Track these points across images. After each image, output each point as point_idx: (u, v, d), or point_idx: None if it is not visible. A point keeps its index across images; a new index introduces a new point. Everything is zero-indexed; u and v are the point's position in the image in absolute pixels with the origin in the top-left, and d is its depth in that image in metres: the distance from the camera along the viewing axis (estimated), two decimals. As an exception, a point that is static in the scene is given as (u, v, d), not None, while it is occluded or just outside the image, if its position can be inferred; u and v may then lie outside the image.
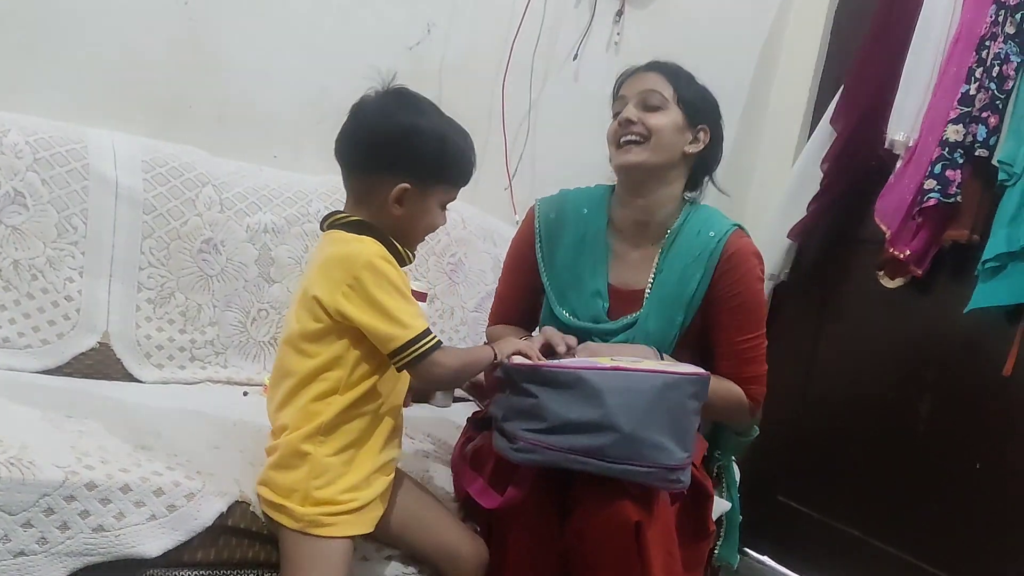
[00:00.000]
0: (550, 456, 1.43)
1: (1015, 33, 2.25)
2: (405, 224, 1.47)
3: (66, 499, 1.32)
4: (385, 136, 1.44)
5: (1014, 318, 2.27)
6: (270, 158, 2.28)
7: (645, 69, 1.76)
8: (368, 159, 1.46)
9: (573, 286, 1.79)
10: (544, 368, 1.48)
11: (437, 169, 1.47)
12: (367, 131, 1.47)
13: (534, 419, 1.43)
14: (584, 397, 1.41)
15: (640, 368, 1.46)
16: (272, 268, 2.12)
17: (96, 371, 1.92)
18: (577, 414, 1.41)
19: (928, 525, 2.44)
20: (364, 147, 1.46)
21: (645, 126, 1.70)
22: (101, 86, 2.09)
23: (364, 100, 1.49)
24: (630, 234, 1.80)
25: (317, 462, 1.40)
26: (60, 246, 1.90)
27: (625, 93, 1.76)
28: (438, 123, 1.48)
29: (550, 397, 1.43)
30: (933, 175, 2.35)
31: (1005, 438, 2.31)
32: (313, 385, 1.42)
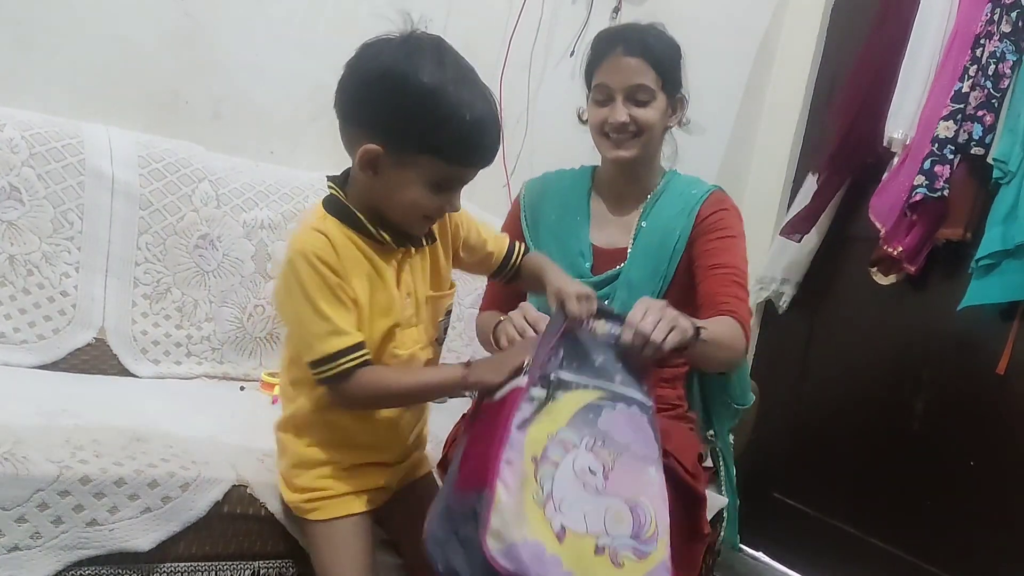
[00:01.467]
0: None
1: (1011, 32, 2.26)
2: (381, 197, 1.26)
3: (60, 494, 1.33)
4: (363, 80, 1.20)
5: (1007, 316, 2.28)
6: (267, 154, 2.28)
7: (625, 53, 1.70)
8: (343, 106, 1.25)
9: (557, 248, 1.79)
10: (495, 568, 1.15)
11: (418, 134, 1.20)
12: (350, 71, 1.24)
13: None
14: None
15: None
16: (269, 264, 2.11)
17: (92, 367, 1.92)
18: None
19: (923, 522, 2.45)
20: (341, 90, 1.25)
21: (637, 123, 1.71)
22: (97, 81, 2.08)
23: (371, 41, 1.26)
24: (613, 199, 1.83)
25: (294, 452, 1.42)
26: (56, 241, 1.90)
27: (609, 83, 1.72)
28: (436, 77, 1.18)
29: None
30: (923, 171, 2.36)
31: (999, 435, 2.32)
32: (291, 368, 1.40)
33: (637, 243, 1.76)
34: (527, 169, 2.57)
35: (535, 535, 1.15)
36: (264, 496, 1.50)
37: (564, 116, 2.62)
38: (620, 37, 1.73)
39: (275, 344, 2.13)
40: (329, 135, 2.34)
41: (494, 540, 1.14)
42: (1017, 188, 2.17)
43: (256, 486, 1.49)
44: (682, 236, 1.74)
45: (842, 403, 2.72)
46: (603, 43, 1.76)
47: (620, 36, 1.74)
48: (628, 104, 1.71)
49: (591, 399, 1.28)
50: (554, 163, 1.95)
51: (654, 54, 1.71)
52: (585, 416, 1.26)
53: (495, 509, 1.15)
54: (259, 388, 2.05)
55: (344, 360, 1.25)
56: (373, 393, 1.29)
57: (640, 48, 1.70)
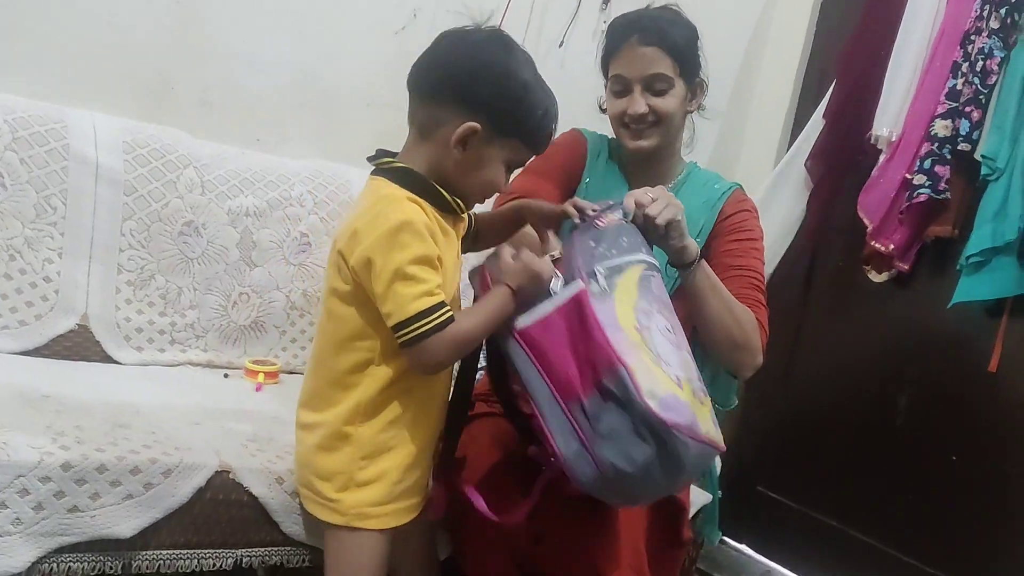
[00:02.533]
0: (602, 489, 1.34)
1: (999, 28, 2.26)
2: (462, 172, 1.37)
3: (41, 480, 1.32)
4: (468, 66, 1.33)
5: (995, 313, 2.28)
6: (253, 141, 2.26)
7: (641, 42, 1.68)
8: (442, 86, 1.34)
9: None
10: (674, 431, 1.26)
11: (513, 118, 1.35)
12: (450, 56, 1.35)
13: (629, 462, 1.27)
14: (672, 468, 1.30)
15: (713, 443, 1.33)
16: (254, 252, 2.10)
17: (75, 353, 1.91)
18: (658, 479, 1.32)
19: (905, 516, 2.46)
20: (441, 72, 1.35)
21: (656, 113, 1.70)
22: (83, 66, 2.06)
23: (460, 29, 1.38)
24: (636, 181, 1.79)
25: (366, 441, 1.37)
26: (39, 226, 1.88)
27: (626, 74, 1.71)
28: (528, 73, 1.36)
29: (651, 460, 1.28)
30: (923, 171, 2.36)
31: (981, 431, 2.33)
32: (344, 354, 1.36)
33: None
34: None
35: (667, 387, 1.28)
36: (248, 482, 1.49)
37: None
38: (635, 25, 1.70)
39: (260, 332, 2.12)
40: (316, 123, 2.36)
41: (651, 399, 1.25)
42: (1006, 185, 2.18)
43: (239, 472, 1.49)
44: (704, 229, 1.75)
45: (827, 398, 2.72)
46: (618, 32, 1.73)
47: (635, 24, 1.70)
48: (646, 94, 1.69)
49: (639, 272, 1.40)
50: (545, 153, 1.94)
51: (670, 41, 1.68)
52: (643, 286, 1.39)
53: (638, 374, 1.26)
54: (243, 376, 2.04)
55: (436, 315, 1.29)
56: (453, 345, 1.32)
57: (656, 36, 1.68)
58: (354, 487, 1.37)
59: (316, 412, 1.39)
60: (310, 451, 1.39)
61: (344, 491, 1.37)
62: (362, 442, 1.37)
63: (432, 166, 1.36)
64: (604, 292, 1.35)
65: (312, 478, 1.39)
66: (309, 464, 1.40)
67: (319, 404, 1.39)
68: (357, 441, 1.36)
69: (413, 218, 1.30)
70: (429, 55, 1.37)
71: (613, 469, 1.26)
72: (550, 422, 1.32)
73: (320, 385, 1.40)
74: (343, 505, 1.37)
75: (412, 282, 1.29)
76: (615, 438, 1.27)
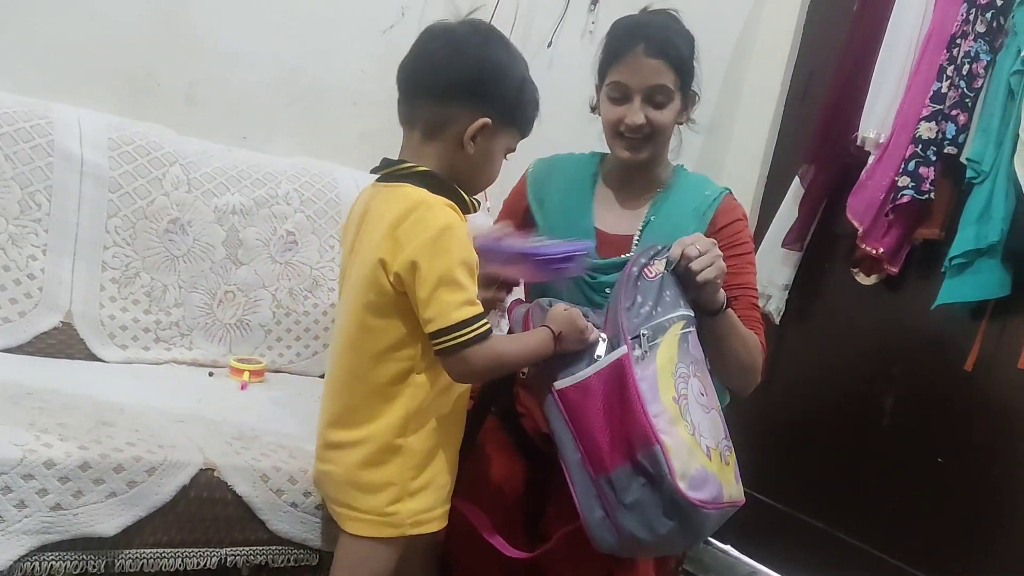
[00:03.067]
0: (623, 552, 1.41)
1: (985, 32, 2.28)
2: (473, 166, 1.39)
3: (24, 477, 1.31)
4: (477, 65, 1.35)
5: (978, 314, 2.30)
6: (240, 139, 2.26)
7: (648, 53, 1.64)
8: (454, 86, 1.35)
9: (561, 224, 1.75)
10: (700, 508, 1.32)
11: (515, 110, 1.40)
12: (457, 56, 1.36)
13: (648, 532, 1.33)
14: (693, 534, 1.38)
15: (733, 503, 1.40)
16: (240, 250, 2.09)
17: (58, 351, 1.89)
18: (679, 542, 1.40)
19: (891, 518, 2.47)
20: (452, 73, 1.35)
21: (652, 125, 1.67)
22: (68, 62, 2.05)
23: (448, 25, 1.39)
24: (621, 189, 1.80)
25: (417, 451, 1.37)
26: (23, 223, 1.87)
27: (627, 82, 1.67)
28: (523, 65, 1.42)
29: (673, 531, 1.34)
30: (907, 172, 2.37)
31: (966, 432, 2.34)
32: (383, 366, 1.35)
33: (645, 235, 1.72)
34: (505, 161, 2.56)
35: (698, 461, 1.32)
36: (233, 480, 1.48)
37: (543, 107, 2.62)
38: (641, 33, 1.66)
39: (245, 330, 2.10)
40: (304, 121, 2.35)
41: (682, 480, 1.29)
42: (990, 188, 2.19)
43: (224, 470, 1.48)
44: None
45: (813, 399, 2.73)
46: (623, 38, 1.69)
47: (641, 32, 1.67)
48: (645, 105, 1.66)
49: (680, 330, 1.43)
50: (533, 155, 1.94)
51: (675, 54, 1.66)
52: (683, 346, 1.42)
53: (672, 455, 1.30)
54: (228, 374, 2.03)
55: (476, 326, 1.31)
56: (491, 360, 1.34)
57: (662, 47, 1.64)
58: (407, 497, 1.37)
59: (356, 429, 1.37)
60: (351, 469, 1.37)
61: (398, 503, 1.36)
62: (413, 452, 1.37)
63: (443, 165, 1.37)
64: (646, 356, 1.38)
65: (356, 495, 1.37)
66: (352, 482, 1.38)
67: (358, 420, 1.37)
68: (408, 452, 1.36)
69: (454, 222, 1.32)
70: (429, 55, 1.37)
71: (633, 539, 1.33)
72: (577, 486, 1.39)
73: (357, 401, 1.37)
74: (399, 517, 1.37)
75: (456, 289, 1.30)
76: (640, 511, 1.32)
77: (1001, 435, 2.27)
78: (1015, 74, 2.16)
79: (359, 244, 1.39)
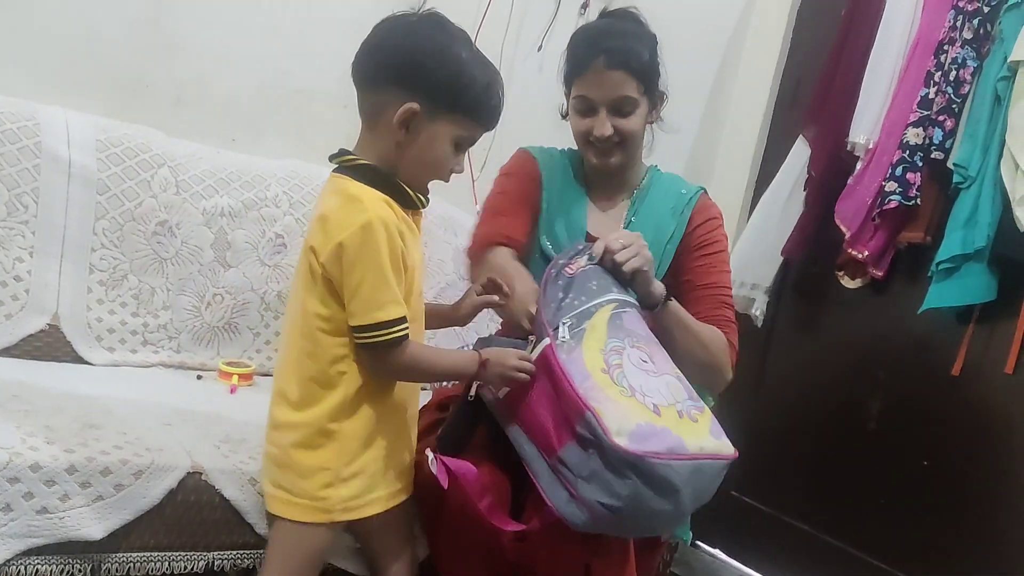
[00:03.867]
0: (603, 527, 1.41)
1: (972, 38, 2.30)
2: (409, 155, 1.37)
3: (9, 481, 1.30)
4: (400, 48, 1.35)
5: (964, 319, 2.31)
6: (228, 141, 2.25)
7: (608, 65, 1.66)
8: (377, 71, 1.36)
9: (561, 220, 1.79)
10: (648, 459, 1.33)
11: (451, 93, 1.35)
12: (384, 41, 1.37)
13: (614, 497, 1.34)
14: (666, 492, 1.36)
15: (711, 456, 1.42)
16: (228, 252, 2.09)
17: (45, 353, 1.88)
18: (654, 504, 1.38)
19: (876, 520, 2.48)
20: (377, 58, 1.36)
21: (621, 134, 1.70)
22: (56, 63, 2.04)
23: (390, 16, 1.39)
24: (599, 191, 1.83)
25: (350, 435, 1.38)
26: (10, 225, 1.85)
27: (591, 96, 1.69)
28: (460, 48, 1.37)
29: (641, 489, 1.35)
30: (894, 177, 2.38)
31: (952, 436, 2.35)
32: (322, 349, 1.35)
33: None
34: (495, 164, 2.56)
35: (640, 417, 1.35)
36: (220, 483, 1.48)
37: (532, 111, 2.61)
38: (600, 45, 1.67)
39: (233, 333, 2.10)
40: (292, 123, 2.34)
41: (619, 437, 1.32)
42: (976, 193, 2.20)
43: (211, 473, 1.48)
44: (674, 236, 1.77)
45: (799, 402, 2.74)
46: (582, 50, 1.70)
47: (600, 44, 1.67)
48: (611, 116, 1.69)
49: (610, 312, 1.49)
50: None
51: (636, 63, 1.67)
52: (614, 324, 1.47)
53: (604, 417, 1.33)
54: (217, 377, 2.02)
55: (399, 328, 1.33)
56: (406, 364, 1.37)
57: (622, 58, 1.65)
58: (339, 483, 1.37)
59: (296, 411, 1.37)
60: (286, 450, 1.38)
61: (329, 487, 1.37)
62: (346, 438, 1.37)
63: (382, 156, 1.38)
64: (570, 342, 1.43)
65: (292, 477, 1.37)
66: (286, 464, 1.38)
67: (297, 403, 1.37)
68: (342, 437, 1.37)
69: (384, 216, 1.32)
70: (366, 43, 1.38)
71: (601, 507, 1.34)
72: (539, 477, 1.42)
73: (297, 383, 1.38)
74: (330, 502, 1.37)
75: (381, 286, 1.32)
76: (597, 479, 1.34)
77: (987, 439, 2.28)
78: (1001, 80, 2.18)
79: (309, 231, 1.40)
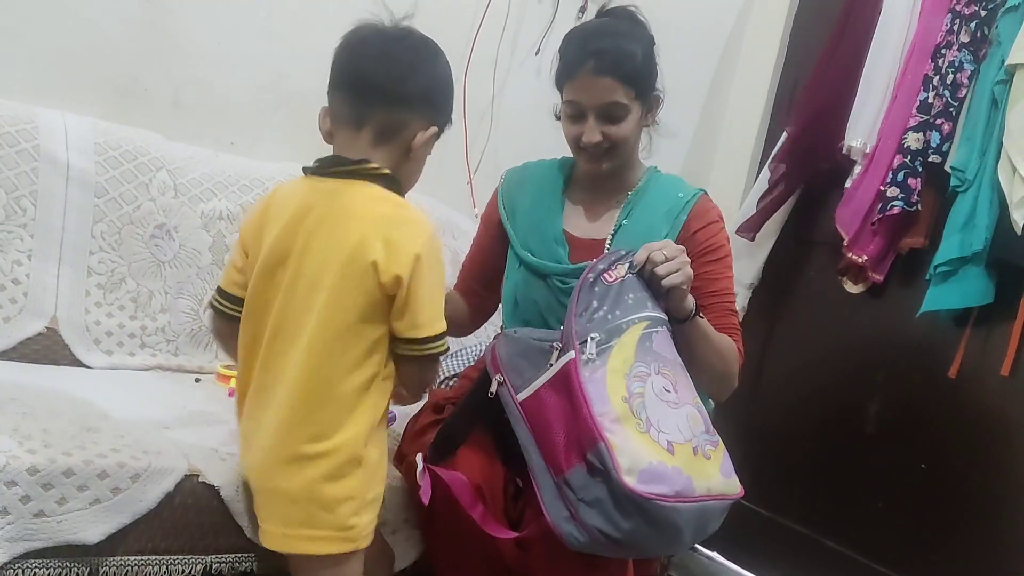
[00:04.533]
0: (598, 551, 1.40)
1: (969, 42, 2.30)
2: (412, 172, 1.43)
3: (6, 484, 1.29)
4: (435, 77, 1.41)
5: (962, 322, 2.31)
6: (227, 144, 2.25)
7: (597, 71, 1.63)
8: (414, 96, 1.37)
9: (533, 232, 1.78)
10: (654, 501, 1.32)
11: (448, 120, 1.47)
12: (420, 66, 1.39)
13: (614, 527, 1.34)
14: (668, 532, 1.36)
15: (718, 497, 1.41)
16: (226, 256, 2.08)
17: (43, 356, 1.88)
18: (654, 543, 1.40)
19: (875, 523, 2.48)
20: (414, 82, 1.37)
21: (611, 140, 1.68)
22: (54, 66, 2.04)
23: (407, 31, 1.42)
24: (591, 192, 1.81)
25: (370, 462, 1.35)
26: (8, 228, 1.86)
27: (580, 100, 1.67)
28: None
29: (642, 526, 1.34)
30: (896, 183, 2.38)
31: (950, 439, 2.35)
32: (357, 373, 1.31)
33: (617, 239, 1.73)
34: (491, 166, 2.57)
35: (653, 456, 1.34)
36: (218, 486, 1.47)
37: (529, 113, 2.63)
38: (590, 50, 1.65)
39: (232, 337, 2.10)
40: (291, 126, 2.35)
41: (629, 476, 1.31)
42: (974, 196, 2.20)
43: (209, 476, 1.47)
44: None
45: (798, 405, 2.74)
46: (572, 54, 1.68)
47: (590, 49, 1.65)
48: (601, 121, 1.66)
49: (641, 331, 1.45)
50: (518, 160, 1.95)
51: (626, 69, 1.64)
52: (644, 346, 1.44)
53: (617, 451, 1.32)
54: (215, 381, 2.02)
55: (445, 340, 1.38)
56: (437, 374, 1.43)
57: (611, 63, 1.63)
58: (363, 510, 1.35)
59: (321, 441, 1.30)
60: (313, 484, 1.30)
61: (356, 515, 1.33)
62: (370, 463, 1.35)
63: (392, 169, 1.38)
64: (595, 360, 1.41)
65: (315, 512, 1.31)
66: (312, 498, 1.31)
67: (324, 432, 1.30)
68: (367, 463, 1.34)
69: (435, 231, 1.37)
70: (392, 61, 1.36)
71: (600, 534, 1.34)
72: (542, 489, 1.41)
73: (324, 412, 1.31)
74: (356, 531, 1.34)
75: (442, 296, 1.36)
76: (600, 507, 1.34)
77: (984, 442, 2.28)
78: (999, 84, 2.18)
79: (315, 242, 1.33)
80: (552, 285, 1.72)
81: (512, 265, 1.81)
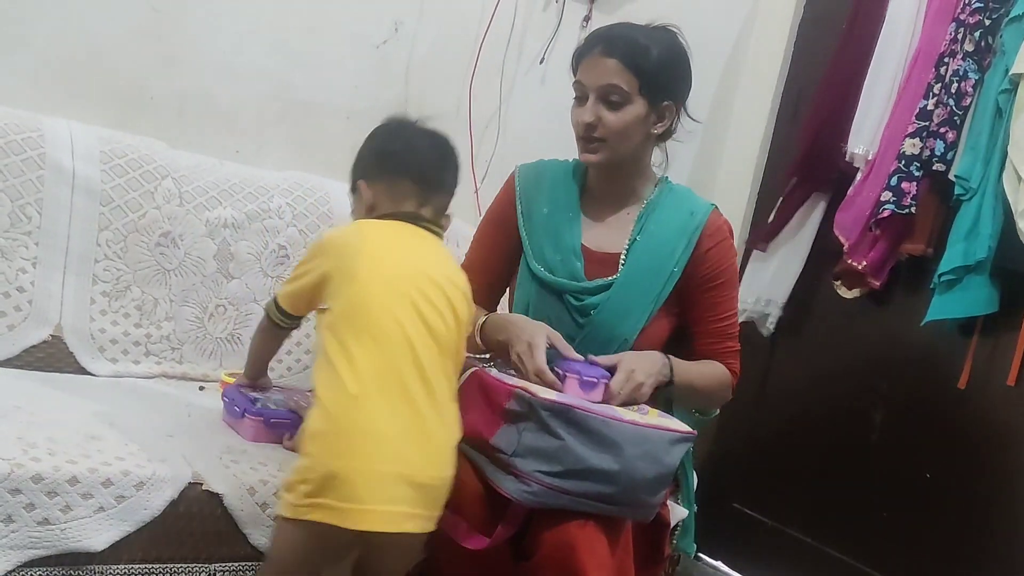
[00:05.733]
0: (562, 500, 1.41)
1: (974, 51, 2.30)
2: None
3: (11, 492, 1.30)
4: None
5: (967, 331, 2.31)
6: (232, 153, 2.26)
7: (603, 53, 1.65)
8: (455, 184, 1.64)
9: (549, 243, 1.76)
10: (577, 409, 1.41)
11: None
12: (457, 159, 1.63)
13: (552, 461, 1.38)
14: (605, 446, 1.39)
15: (653, 425, 1.46)
16: (231, 264, 2.09)
17: (48, 364, 1.88)
18: (596, 461, 1.40)
19: (879, 533, 2.47)
20: (457, 175, 1.64)
21: (605, 127, 1.66)
22: (60, 74, 2.05)
23: (441, 134, 1.63)
24: (605, 201, 1.79)
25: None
26: (13, 236, 1.86)
27: (584, 80, 1.68)
28: None
29: (576, 442, 1.38)
30: (889, 187, 2.39)
31: (954, 448, 2.35)
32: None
33: (631, 256, 1.73)
34: (497, 175, 2.56)
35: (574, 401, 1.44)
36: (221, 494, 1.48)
37: (535, 122, 2.64)
38: (604, 36, 1.68)
39: (236, 344, 2.10)
40: (296, 135, 2.35)
41: (548, 395, 1.42)
42: (978, 205, 2.20)
43: (213, 484, 1.47)
44: (680, 260, 1.72)
45: (802, 414, 2.74)
46: (589, 40, 1.71)
47: (604, 35, 1.68)
48: (600, 105, 1.66)
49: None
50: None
51: (634, 57, 1.64)
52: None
53: (535, 389, 1.44)
54: (219, 388, 2.02)
55: None
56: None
57: (620, 49, 1.64)
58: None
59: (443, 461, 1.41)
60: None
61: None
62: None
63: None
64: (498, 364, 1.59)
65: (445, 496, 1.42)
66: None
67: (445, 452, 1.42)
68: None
69: None
70: (453, 156, 1.62)
71: (542, 475, 1.38)
72: (490, 474, 1.46)
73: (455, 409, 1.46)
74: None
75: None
76: (529, 452, 1.40)
77: (989, 451, 2.28)
78: (1003, 93, 2.18)
79: (431, 269, 1.49)
80: (567, 302, 1.73)
81: (525, 275, 1.79)
